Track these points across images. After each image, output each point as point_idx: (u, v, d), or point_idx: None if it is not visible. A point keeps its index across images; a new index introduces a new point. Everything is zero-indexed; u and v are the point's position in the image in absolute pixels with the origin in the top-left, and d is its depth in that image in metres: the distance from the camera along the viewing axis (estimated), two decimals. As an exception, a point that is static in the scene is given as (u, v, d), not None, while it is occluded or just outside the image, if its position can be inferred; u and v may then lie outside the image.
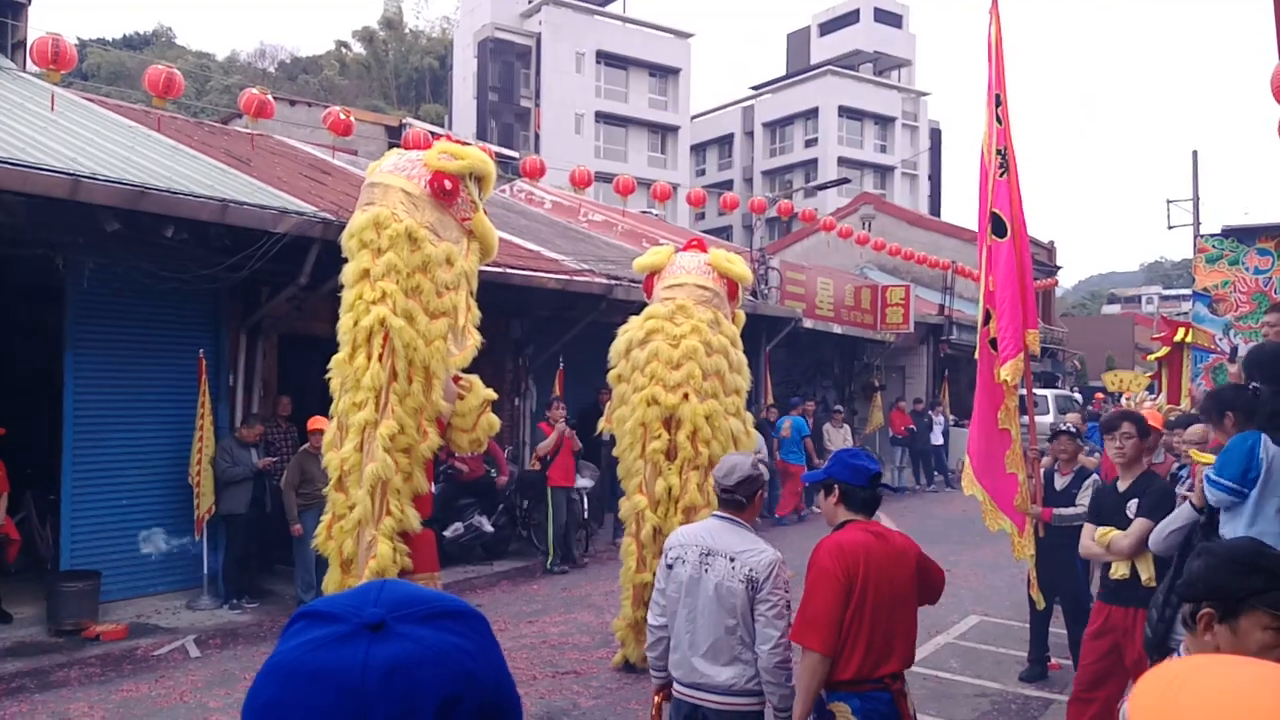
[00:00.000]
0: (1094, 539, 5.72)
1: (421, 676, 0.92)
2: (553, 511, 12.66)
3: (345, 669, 0.92)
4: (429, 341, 7.03)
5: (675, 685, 4.39)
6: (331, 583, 7.09)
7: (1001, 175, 6.98)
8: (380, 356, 6.90)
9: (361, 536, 6.90)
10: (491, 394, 7.68)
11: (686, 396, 8.10)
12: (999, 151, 7.00)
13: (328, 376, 7.25)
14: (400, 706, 0.90)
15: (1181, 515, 5.22)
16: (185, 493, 10.11)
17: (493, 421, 7.71)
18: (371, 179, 7.45)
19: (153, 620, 9.67)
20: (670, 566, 4.40)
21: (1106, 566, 5.78)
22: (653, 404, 8.08)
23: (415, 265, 7.06)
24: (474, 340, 7.42)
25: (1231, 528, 4.73)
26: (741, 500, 4.37)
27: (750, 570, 4.16)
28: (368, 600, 0.99)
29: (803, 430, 17.46)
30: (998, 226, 6.95)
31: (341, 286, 7.35)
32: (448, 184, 7.24)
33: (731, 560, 4.20)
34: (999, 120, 7.06)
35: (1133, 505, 5.62)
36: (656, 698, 4.55)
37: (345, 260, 7.35)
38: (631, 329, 8.44)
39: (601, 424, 8.91)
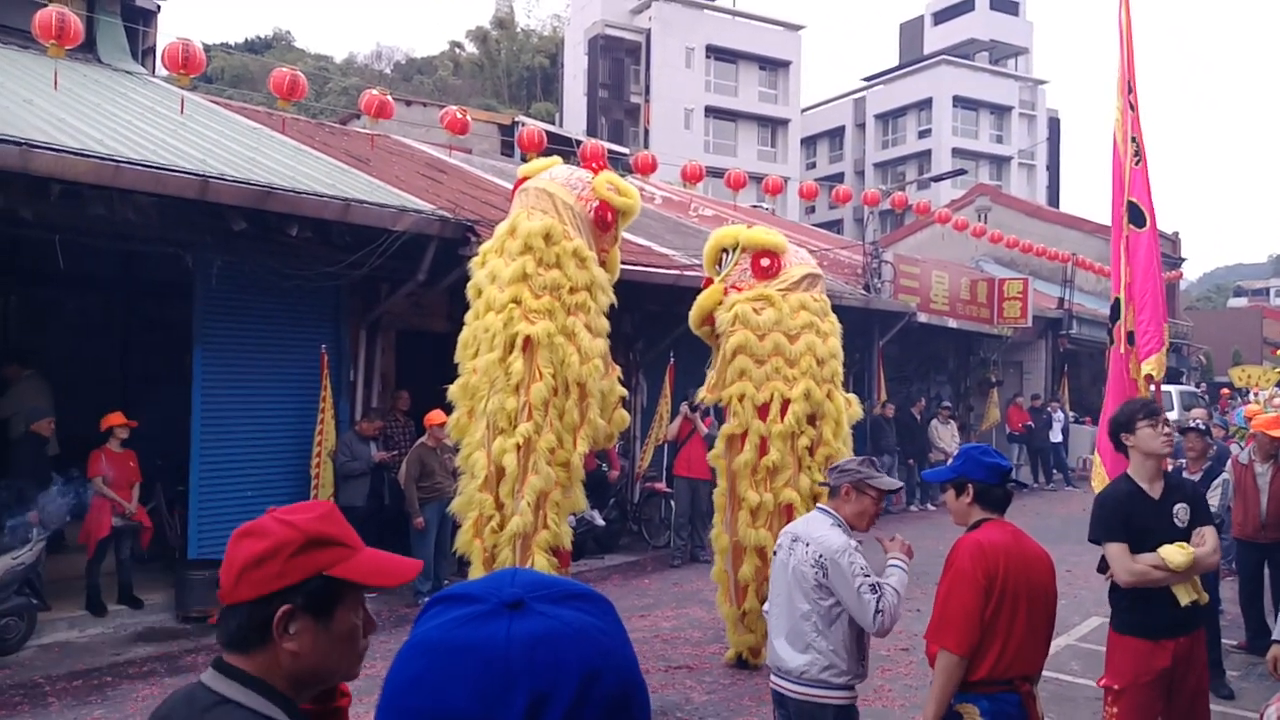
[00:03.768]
0: (1158, 561, 4.62)
1: (564, 651, 0.95)
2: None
3: (490, 643, 0.94)
4: (586, 359, 7.15)
5: (770, 676, 4.45)
6: None
7: (1136, 163, 6.77)
8: (554, 374, 7.03)
9: (518, 548, 6.97)
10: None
11: (829, 394, 8.19)
12: (1133, 139, 6.79)
13: (471, 368, 7.31)
14: (545, 679, 0.92)
15: None
16: (308, 484, 10.37)
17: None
18: (537, 184, 7.58)
19: (275, 608, 9.93)
20: (775, 554, 4.54)
21: (1152, 598, 4.70)
22: (806, 398, 8.06)
23: (583, 283, 7.25)
24: (616, 371, 7.67)
25: None
26: (830, 484, 4.51)
27: (819, 554, 4.19)
28: (504, 583, 1.02)
29: None
30: (1135, 216, 6.73)
31: (462, 280, 7.48)
32: (610, 217, 7.49)
33: (808, 544, 4.26)
34: (1131, 107, 6.85)
35: (1180, 511, 4.72)
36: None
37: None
38: (783, 313, 8.18)
39: (702, 393, 8.81)
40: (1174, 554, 4.56)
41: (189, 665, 8.14)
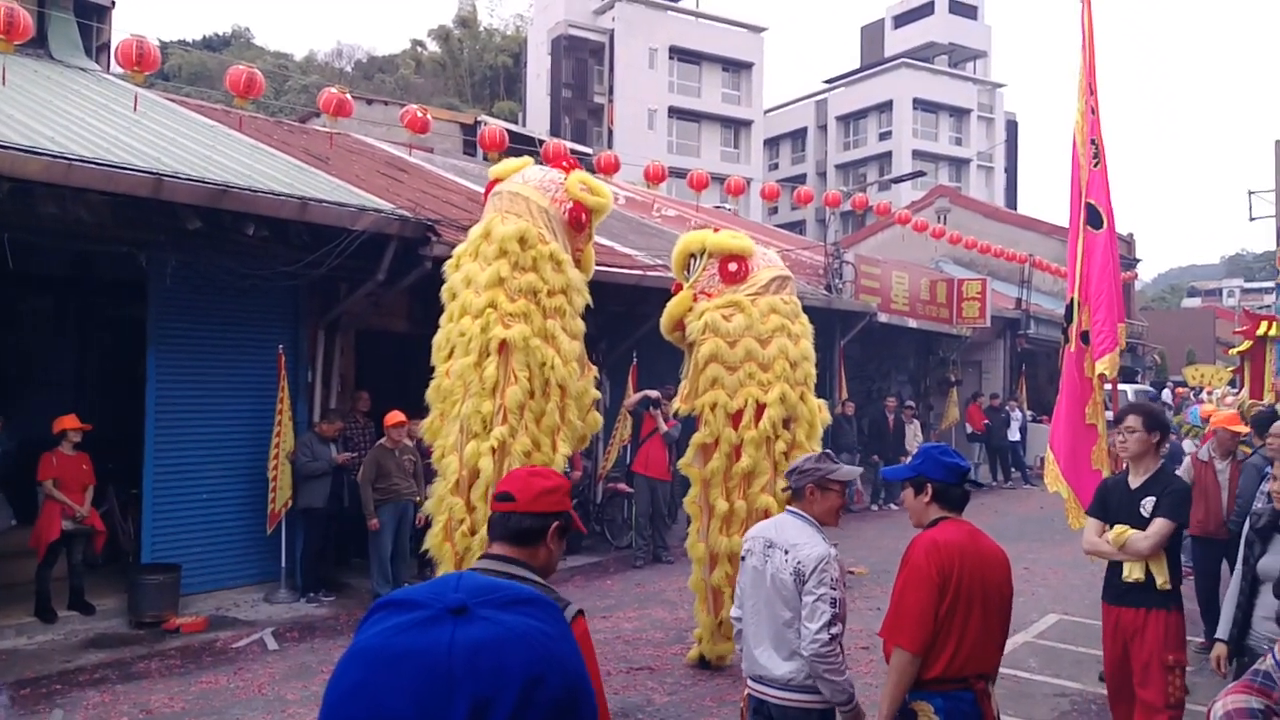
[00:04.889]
0: (1106, 538, 5.39)
1: (506, 657, 0.93)
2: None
3: (431, 650, 0.92)
4: (566, 361, 7.16)
5: (747, 679, 4.40)
6: None
7: (1095, 166, 6.82)
8: (530, 377, 7.00)
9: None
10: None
11: (803, 397, 8.20)
12: (1092, 141, 6.84)
13: (445, 371, 7.23)
14: (486, 685, 0.91)
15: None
16: (264, 487, 10.25)
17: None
18: (511, 187, 7.55)
19: (231, 613, 9.82)
20: (744, 559, 4.45)
21: (1112, 566, 5.49)
22: (781, 402, 8.03)
23: (560, 286, 7.26)
24: (592, 372, 7.68)
25: None
26: (793, 486, 4.41)
27: (799, 563, 4.14)
28: (448, 588, 1.00)
29: None
30: (1093, 218, 6.79)
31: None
32: (584, 217, 7.52)
33: (786, 552, 4.20)
34: (1092, 110, 6.90)
35: (1148, 503, 5.29)
36: (746, 690, 4.52)
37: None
38: (753, 318, 8.15)
39: (676, 403, 8.76)
40: (1111, 534, 5.37)
41: (142, 671, 8.00)
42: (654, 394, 12.61)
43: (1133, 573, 5.29)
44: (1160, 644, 5.25)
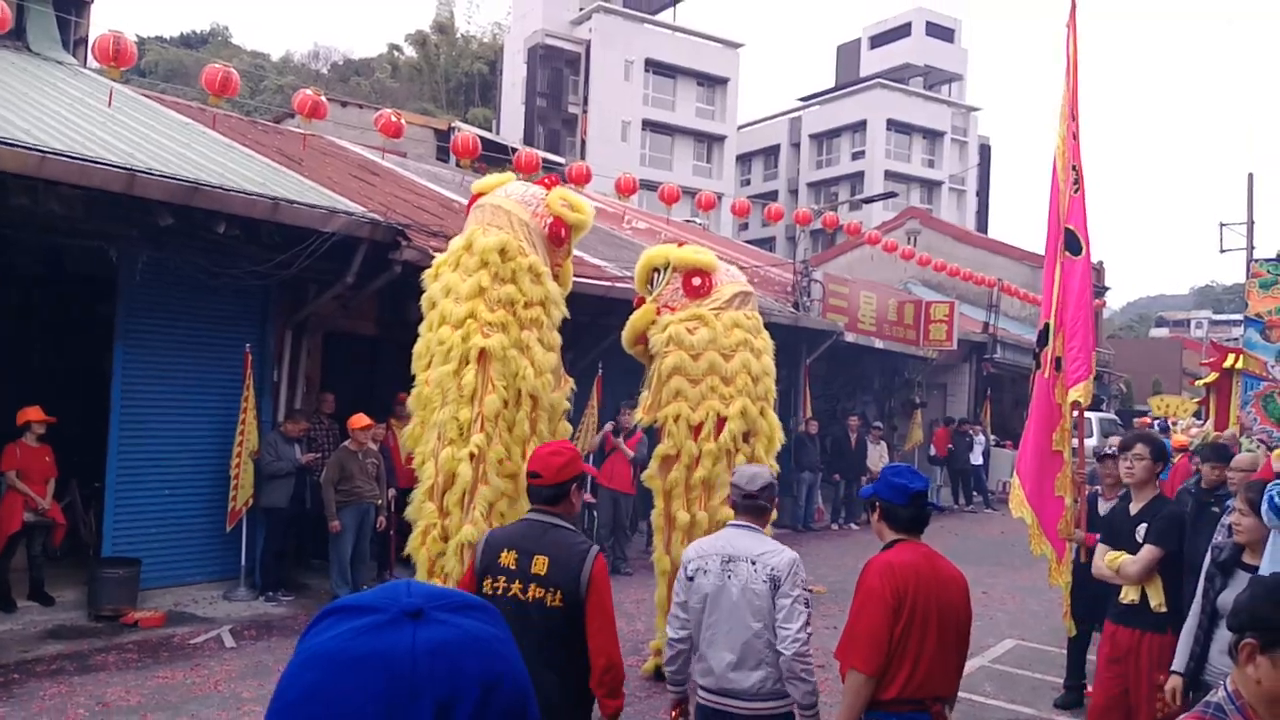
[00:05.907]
0: (1104, 562, 5.71)
1: (465, 659, 0.95)
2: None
3: (393, 652, 0.93)
4: (540, 373, 7.22)
5: (701, 693, 4.36)
6: None
7: (1075, 192, 6.87)
8: (506, 386, 7.07)
9: (464, 556, 6.90)
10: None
11: (763, 411, 8.30)
12: (1073, 167, 6.88)
13: (425, 379, 7.26)
14: (447, 688, 0.92)
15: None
16: (227, 485, 10.24)
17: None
18: (493, 200, 7.63)
19: (190, 609, 9.80)
20: (691, 578, 4.37)
21: (1117, 587, 5.74)
22: (742, 415, 8.12)
23: (537, 298, 7.34)
24: (569, 384, 7.76)
25: (1271, 556, 4.68)
26: (765, 505, 4.45)
27: (773, 570, 4.18)
28: (400, 593, 1.00)
29: None
30: (1072, 243, 6.82)
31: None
32: (563, 232, 7.65)
33: (753, 563, 4.22)
34: (1073, 136, 6.95)
35: (1142, 529, 5.56)
36: (673, 713, 4.50)
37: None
38: (717, 332, 8.24)
39: (638, 414, 8.83)
40: (1107, 559, 5.69)
41: (100, 664, 7.99)
42: (609, 426, 12.77)
43: (1128, 594, 5.55)
44: (1152, 666, 5.42)
